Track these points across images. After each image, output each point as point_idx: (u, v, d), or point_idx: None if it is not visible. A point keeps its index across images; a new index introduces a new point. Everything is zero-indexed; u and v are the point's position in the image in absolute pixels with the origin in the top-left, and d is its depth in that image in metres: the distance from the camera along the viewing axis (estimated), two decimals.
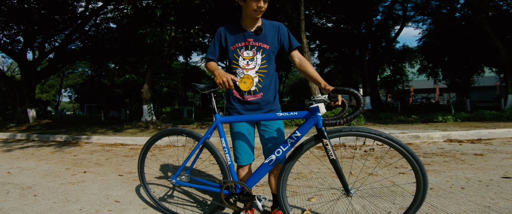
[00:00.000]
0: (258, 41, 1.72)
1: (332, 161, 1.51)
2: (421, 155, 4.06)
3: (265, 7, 1.67)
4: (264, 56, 1.73)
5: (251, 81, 1.71)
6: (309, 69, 1.73)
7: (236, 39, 1.75)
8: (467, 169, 3.14)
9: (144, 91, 9.65)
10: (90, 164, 4.18)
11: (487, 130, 5.62)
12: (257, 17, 1.68)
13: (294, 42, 1.78)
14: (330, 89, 1.53)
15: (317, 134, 1.49)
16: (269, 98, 1.74)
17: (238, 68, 1.74)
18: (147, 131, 8.01)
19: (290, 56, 1.80)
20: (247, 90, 1.71)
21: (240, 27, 1.76)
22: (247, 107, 1.73)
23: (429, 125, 7.14)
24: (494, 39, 9.40)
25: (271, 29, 1.76)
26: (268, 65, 1.74)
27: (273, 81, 1.78)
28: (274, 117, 1.58)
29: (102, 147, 6.09)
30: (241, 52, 1.74)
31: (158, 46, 9.07)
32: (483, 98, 34.05)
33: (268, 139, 1.75)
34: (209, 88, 1.71)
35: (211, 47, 1.81)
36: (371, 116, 9.58)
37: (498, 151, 4.12)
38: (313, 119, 1.46)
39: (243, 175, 1.82)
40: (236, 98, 1.76)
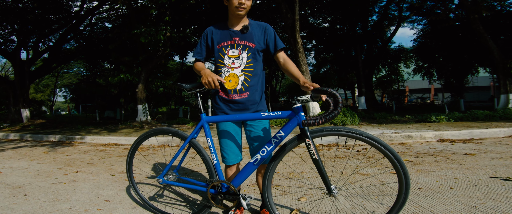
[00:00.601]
0: (244, 39, 1.73)
1: (315, 160, 1.53)
2: (413, 154, 4.10)
3: (248, 4, 1.68)
4: (250, 55, 1.74)
5: (236, 79, 1.72)
6: (291, 67, 1.76)
7: (222, 38, 1.76)
8: (457, 169, 3.17)
9: (138, 91, 9.61)
10: (83, 163, 4.16)
11: (479, 130, 5.68)
12: (240, 13, 1.68)
13: (279, 43, 1.79)
14: (309, 87, 1.55)
15: (300, 133, 1.51)
16: (256, 98, 1.75)
17: (224, 67, 1.75)
18: (141, 131, 7.98)
19: (275, 57, 1.81)
20: (233, 89, 1.72)
21: (227, 26, 1.78)
22: (232, 106, 1.73)
23: (423, 124, 7.20)
24: (487, 40, 9.49)
25: (258, 29, 1.77)
26: (254, 64, 1.75)
27: (260, 81, 1.78)
28: (259, 117, 1.59)
29: (96, 147, 6.06)
30: (226, 51, 1.75)
31: (153, 46, 9.05)
32: (477, 98, 34.39)
33: (254, 139, 1.76)
34: (195, 88, 1.71)
35: (198, 48, 1.82)
36: (366, 116, 9.63)
37: (489, 150, 4.17)
38: (296, 118, 1.48)
39: (230, 174, 1.82)
40: (222, 98, 1.76)
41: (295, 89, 34.01)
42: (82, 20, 14.66)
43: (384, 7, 17.50)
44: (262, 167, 1.82)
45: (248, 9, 1.71)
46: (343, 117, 7.41)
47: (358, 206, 2.16)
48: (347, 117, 7.46)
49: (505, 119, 7.69)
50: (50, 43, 16.03)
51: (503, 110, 8.26)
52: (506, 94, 9.21)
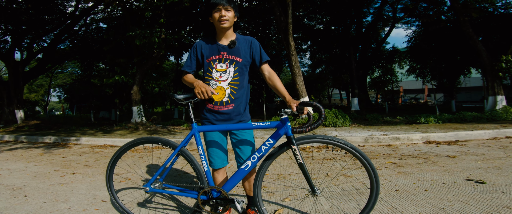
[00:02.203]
0: (231, 54, 1.84)
1: (300, 164, 1.68)
2: (398, 157, 4.27)
3: (230, 16, 1.79)
4: (237, 69, 1.85)
5: (223, 92, 1.83)
6: (277, 83, 1.87)
7: (211, 52, 1.87)
8: (435, 171, 3.35)
9: (133, 93, 9.69)
10: (79, 165, 4.27)
11: (465, 132, 5.89)
12: (224, 26, 1.79)
13: (264, 56, 1.91)
14: (293, 105, 1.67)
15: (287, 141, 1.66)
16: (240, 110, 1.87)
17: (211, 80, 1.86)
18: (136, 132, 8.08)
19: (260, 69, 1.93)
20: (220, 101, 1.83)
21: (215, 40, 1.89)
22: (218, 117, 1.85)
23: (412, 126, 7.41)
24: (476, 42, 9.70)
25: (244, 43, 1.89)
26: (240, 77, 1.86)
27: (245, 93, 1.91)
28: (249, 127, 1.72)
29: (91, 148, 6.15)
30: (214, 64, 1.85)
31: (148, 48, 9.13)
32: (469, 98, 34.88)
33: (238, 146, 1.90)
34: (187, 99, 1.82)
35: (188, 61, 1.93)
36: (358, 117, 9.82)
37: (471, 153, 4.36)
38: (284, 128, 1.63)
39: (218, 177, 1.96)
40: (208, 109, 1.88)
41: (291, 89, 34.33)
42: (77, 20, 14.65)
43: (379, 8, 17.75)
44: (249, 173, 1.95)
45: (231, 21, 1.82)
46: (335, 119, 7.59)
47: (336, 206, 2.31)
48: (338, 119, 7.63)
49: (492, 121, 7.93)
50: (44, 44, 16.00)
51: (491, 111, 8.50)
52: (494, 96, 9.45)
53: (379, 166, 3.71)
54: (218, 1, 1.78)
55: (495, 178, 3.02)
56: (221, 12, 1.77)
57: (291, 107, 1.66)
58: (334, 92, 41.30)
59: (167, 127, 9.13)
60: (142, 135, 7.51)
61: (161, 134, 7.30)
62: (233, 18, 1.83)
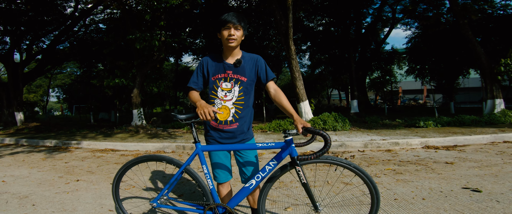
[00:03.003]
0: (237, 73, 1.86)
1: (304, 184, 1.73)
2: (397, 163, 4.33)
3: (238, 35, 1.80)
4: (242, 88, 1.87)
5: (228, 112, 1.86)
6: (283, 101, 1.86)
7: (217, 70, 1.88)
8: (433, 179, 3.41)
9: (134, 96, 9.72)
10: (82, 171, 4.31)
11: (463, 137, 5.96)
12: (232, 45, 1.81)
13: (269, 74, 1.93)
14: (299, 125, 1.66)
15: (291, 161, 1.70)
16: (244, 129, 1.90)
17: (216, 99, 1.88)
18: (137, 135, 8.12)
19: (266, 87, 1.95)
20: (224, 120, 1.86)
21: (221, 58, 1.90)
22: (222, 135, 1.88)
23: (411, 130, 7.47)
24: (475, 45, 9.75)
25: (250, 61, 1.91)
26: (245, 97, 1.89)
27: (249, 112, 1.93)
28: (253, 147, 1.76)
29: (93, 152, 6.19)
30: (220, 83, 1.87)
31: (148, 51, 9.17)
32: (468, 99, 35.01)
33: (243, 164, 1.94)
34: (189, 119, 1.81)
35: (194, 77, 1.94)
36: (357, 120, 9.88)
37: (468, 159, 4.42)
38: (288, 149, 1.67)
39: (222, 190, 2.01)
40: (212, 127, 1.91)
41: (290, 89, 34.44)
42: (76, 21, 14.68)
43: (378, 9, 17.80)
44: None
45: (239, 40, 1.83)
46: (335, 123, 7.65)
47: None
48: (338, 123, 7.70)
49: (490, 124, 8.01)
50: (43, 45, 16.01)
51: (489, 115, 8.57)
52: (492, 100, 9.52)
53: (379, 173, 3.76)
54: (228, 18, 1.79)
55: (491, 186, 3.08)
56: (231, 30, 1.79)
57: (297, 127, 1.66)
58: (333, 92, 41.41)
59: (168, 129, 9.17)
60: (142, 138, 7.55)
61: (162, 138, 7.35)
62: (241, 37, 1.84)
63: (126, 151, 6.30)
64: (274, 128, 7.92)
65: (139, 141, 7.07)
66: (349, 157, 4.87)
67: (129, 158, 5.38)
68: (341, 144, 5.63)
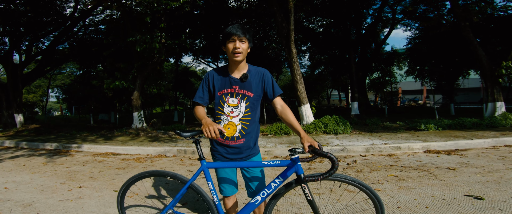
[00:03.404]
0: (243, 88, 1.82)
1: (309, 201, 1.72)
2: (399, 168, 4.33)
3: (244, 48, 1.75)
4: (248, 104, 1.84)
5: (234, 128, 1.84)
6: (290, 118, 1.82)
7: (223, 85, 1.85)
8: (436, 186, 3.41)
9: (134, 99, 9.70)
10: (84, 177, 4.30)
11: (464, 141, 5.97)
12: (237, 59, 1.76)
13: (276, 89, 1.88)
14: (306, 144, 1.63)
15: (297, 178, 1.69)
16: (250, 144, 1.88)
17: (223, 115, 1.86)
18: (137, 138, 8.11)
19: (272, 102, 1.91)
20: (230, 136, 1.84)
21: (227, 73, 1.86)
22: (229, 150, 1.87)
23: (412, 133, 7.47)
24: (476, 48, 9.72)
25: (256, 76, 1.87)
26: (252, 112, 1.86)
27: (256, 128, 1.91)
28: (259, 165, 1.74)
29: (94, 156, 6.18)
30: (226, 99, 1.84)
31: (148, 53, 9.14)
32: (468, 99, 35.06)
33: (249, 179, 1.93)
34: (193, 137, 1.79)
35: (200, 92, 1.90)
36: (358, 122, 9.88)
37: (470, 164, 4.42)
38: (294, 167, 1.65)
39: (228, 202, 2.00)
40: (219, 142, 1.89)
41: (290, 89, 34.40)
42: (76, 22, 14.64)
43: (378, 10, 17.78)
44: None
45: (245, 53, 1.79)
46: (336, 126, 7.65)
47: None
48: (339, 126, 7.69)
49: (491, 127, 8.02)
50: (43, 46, 15.97)
51: (490, 118, 8.57)
52: (493, 103, 9.51)
53: (381, 180, 3.76)
54: (233, 31, 1.74)
55: (494, 194, 3.09)
56: (236, 43, 1.74)
57: (303, 144, 1.64)
58: (333, 93, 41.42)
59: (168, 132, 9.15)
60: (143, 142, 7.54)
61: (163, 142, 7.33)
62: (247, 50, 1.79)
63: (127, 155, 6.29)
64: (275, 131, 7.91)
65: (140, 144, 7.06)
66: (351, 162, 4.87)
67: (130, 163, 5.37)
68: (343, 149, 5.63)
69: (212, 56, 22.54)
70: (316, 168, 4.58)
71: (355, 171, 4.28)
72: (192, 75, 31.55)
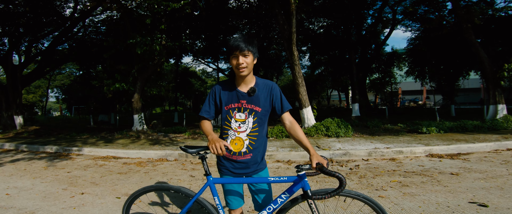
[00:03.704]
0: (251, 103, 1.77)
1: None
2: (402, 174, 4.31)
3: (248, 62, 1.69)
4: (256, 119, 1.79)
5: (241, 143, 1.79)
6: (299, 134, 1.78)
7: (230, 99, 1.80)
8: (440, 192, 3.39)
9: (134, 101, 9.67)
10: (86, 183, 4.27)
11: (466, 144, 5.95)
12: (242, 74, 1.71)
13: (285, 105, 1.83)
14: (314, 161, 1.60)
15: (303, 194, 1.66)
16: (257, 159, 1.84)
17: (230, 130, 1.81)
18: (138, 141, 8.08)
19: (280, 118, 1.86)
20: (238, 151, 1.80)
21: (234, 86, 1.81)
22: (235, 165, 1.83)
23: (414, 136, 7.45)
24: (478, 50, 9.69)
25: (264, 90, 1.81)
26: (259, 127, 1.81)
27: (263, 142, 1.87)
28: (265, 181, 1.71)
29: (95, 160, 6.15)
30: (233, 114, 1.80)
31: (149, 55, 9.12)
32: (468, 100, 35.09)
33: (255, 192, 1.89)
34: (199, 153, 1.76)
35: (206, 106, 1.86)
36: (359, 124, 9.87)
37: (473, 169, 4.41)
38: (301, 183, 1.63)
39: None
40: (225, 157, 1.84)
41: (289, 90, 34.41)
42: (76, 23, 14.59)
43: (379, 10, 17.75)
44: None
45: (250, 67, 1.74)
46: (338, 129, 7.63)
47: None
48: (341, 129, 7.68)
49: (493, 130, 8.00)
50: (42, 47, 15.92)
51: (492, 120, 8.55)
52: (495, 105, 9.49)
53: (385, 186, 3.75)
54: (235, 45, 1.67)
55: (498, 200, 3.08)
56: (239, 59, 1.68)
57: (311, 162, 1.61)
58: (333, 93, 41.42)
59: (169, 135, 9.13)
60: (144, 144, 7.51)
61: (164, 145, 7.31)
62: (252, 63, 1.73)
63: (128, 159, 6.27)
64: (277, 134, 7.88)
65: (141, 147, 7.03)
66: (353, 167, 4.85)
67: (132, 167, 5.35)
68: (345, 153, 5.62)
69: (212, 57, 22.52)
70: None
71: (358, 176, 4.26)
72: (192, 75, 31.51)
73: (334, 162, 5.28)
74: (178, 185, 4.05)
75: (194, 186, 3.98)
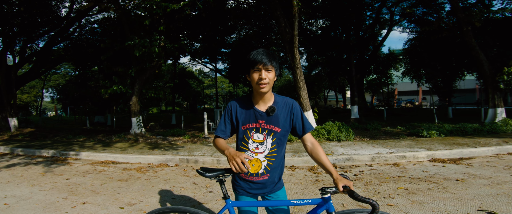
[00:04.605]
0: (270, 123, 1.67)
1: None
2: (408, 180, 4.28)
3: (270, 78, 1.58)
4: (275, 140, 1.69)
5: (259, 164, 1.69)
6: (322, 157, 1.66)
7: (247, 118, 1.69)
8: (448, 199, 3.36)
9: (132, 104, 9.53)
10: (86, 191, 4.17)
11: (468, 149, 5.95)
12: (263, 90, 1.59)
13: (307, 125, 1.74)
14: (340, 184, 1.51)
15: None
16: (275, 179, 1.75)
17: (247, 151, 1.70)
18: (137, 145, 7.96)
19: (302, 139, 1.77)
20: (255, 172, 1.70)
21: (252, 104, 1.70)
22: (252, 186, 1.73)
23: (415, 140, 7.44)
24: (478, 53, 9.68)
25: (284, 109, 1.71)
26: (278, 148, 1.71)
27: (281, 162, 1.78)
28: (288, 204, 1.62)
29: (93, 165, 6.03)
30: (251, 134, 1.69)
31: (147, 57, 8.99)
32: (464, 100, 35.44)
33: (272, 212, 1.79)
34: (218, 176, 1.64)
35: (222, 125, 1.74)
36: (359, 127, 9.86)
37: (478, 175, 4.39)
38: (326, 205, 1.56)
39: None
40: (242, 177, 1.74)
41: (288, 90, 34.39)
42: (71, 23, 14.37)
43: (377, 11, 17.75)
44: None
45: (271, 83, 1.61)
46: (339, 133, 7.60)
47: None
48: (342, 132, 7.65)
49: (492, 133, 8.03)
50: (37, 48, 15.67)
51: (491, 124, 8.59)
52: (494, 109, 9.52)
53: (392, 193, 3.71)
54: (258, 58, 1.55)
55: (506, 208, 3.06)
56: (261, 73, 1.55)
57: (337, 185, 1.52)
58: (330, 94, 41.55)
59: (168, 138, 9.01)
60: (143, 149, 7.40)
61: (163, 149, 7.20)
62: (273, 79, 1.61)
63: (127, 164, 6.16)
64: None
65: (140, 152, 6.92)
66: (358, 173, 4.81)
67: (132, 173, 5.25)
68: (348, 158, 5.58)
69: (210, 57, 22.41)
70: (323, 179, 4.51)
71: (364, 183, 4.22)
72: (190, 76, 31.33)
73: (338, 168, 5.24)
74: (181, 193, 3.97)
75: (198, 194, 3.90)
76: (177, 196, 3.84)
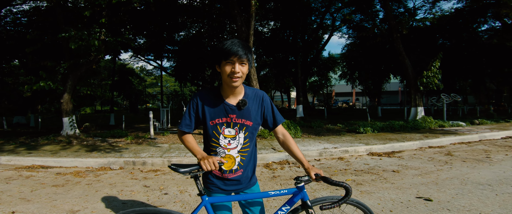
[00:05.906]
0: (241, 117, 1.61)
1: None
2: (353, 172, 4.67)
3: (244, 72, 1.51)
4: (247, 134, 1.64)
5: (233, 160, 1.64)
6: (293, 148, 1.71)
7: (216, 113, 1.60)
8: (390, 189, 3.76)
9: (64, 102, 8.45)
10: (14, 199, 3.56)
11: (398, 143, 6.76)
12: (234, 85, 1.51)
13: (278, 117, 1.72)
14: (312, 173, 1.58)
15: (303, 204, 1.64)
16: (249, 174, 1.73)
17: (219, 148, 1.64)
18: (71, 147, 7.10)
19: (273, 131, 1.77)
20: (229, 169, 1.65)
21: (221, 98, 1.61)
22: (227, 183, 1.69)
23: (354, 136, 8.17)
24: (404, 58, 11.18)
25: (255, 101, 1.66)
26: (250, 142, 1.68)
27: (254, 155, 1.76)
28: (267, 196, 1.61)
29: (17, 171, 5.20)
30: (222, 129, 1.62)
31: (84, 51, 8.09)
32: (389, 101, 40.27)
33: (248, 207, 1.76)
34: (192, 172, 1.53)
35: (186, 119, 1.63)
36: (305, 125, 10.42)
37: (409, 166, 5.01)
38: (301, 194, 1.61)
39: None
40: (215, 175, 1.68)
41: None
42: None
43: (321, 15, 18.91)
44: None
45: (244, 77, 1.53)
46: (288, 130, 7.91)
47: None
48: (291, 130, 7.98)
49: (415, 129, 9.34)
50: None
51: (413, 121, 9.98)
52: (416, 108, 11.15)
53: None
54: (233, 49, 1.45)
55: (437, 195, 3.53)
56: (235, 66, 1.47)
57: (309, 174, 1.58)
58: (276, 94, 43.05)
59: (107, 139, 8.24)
60: (79, 151, 6.63)
61: (104, 151, 6.56)
62: (246, 73, 1.53)
63: (61, 168, 5.46)
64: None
65: (76, 155, 6.19)
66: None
67: (69, 178, 4.66)
68: None
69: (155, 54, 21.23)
70: (280, 175, 4.64)
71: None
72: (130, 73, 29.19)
73: (291, 164, 5.44)
74: (132, 197, 3.67)
75: (152, 197, 3.65)
76: (128, 201, 3.53)
